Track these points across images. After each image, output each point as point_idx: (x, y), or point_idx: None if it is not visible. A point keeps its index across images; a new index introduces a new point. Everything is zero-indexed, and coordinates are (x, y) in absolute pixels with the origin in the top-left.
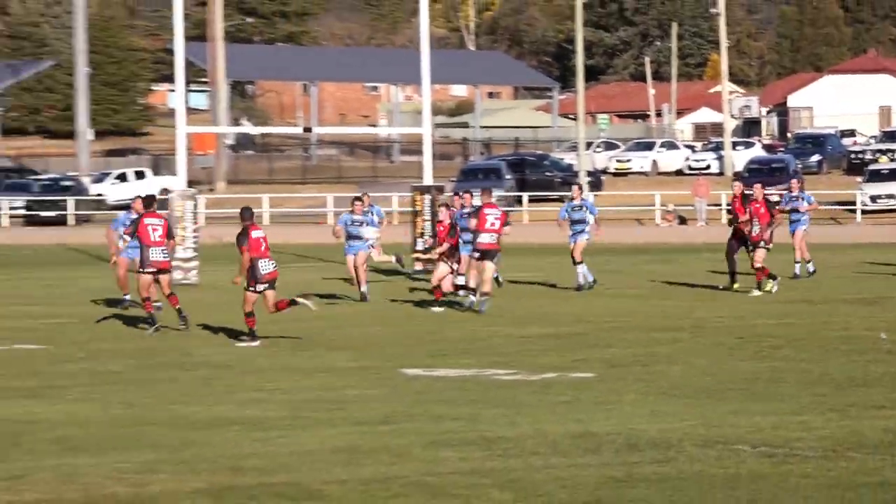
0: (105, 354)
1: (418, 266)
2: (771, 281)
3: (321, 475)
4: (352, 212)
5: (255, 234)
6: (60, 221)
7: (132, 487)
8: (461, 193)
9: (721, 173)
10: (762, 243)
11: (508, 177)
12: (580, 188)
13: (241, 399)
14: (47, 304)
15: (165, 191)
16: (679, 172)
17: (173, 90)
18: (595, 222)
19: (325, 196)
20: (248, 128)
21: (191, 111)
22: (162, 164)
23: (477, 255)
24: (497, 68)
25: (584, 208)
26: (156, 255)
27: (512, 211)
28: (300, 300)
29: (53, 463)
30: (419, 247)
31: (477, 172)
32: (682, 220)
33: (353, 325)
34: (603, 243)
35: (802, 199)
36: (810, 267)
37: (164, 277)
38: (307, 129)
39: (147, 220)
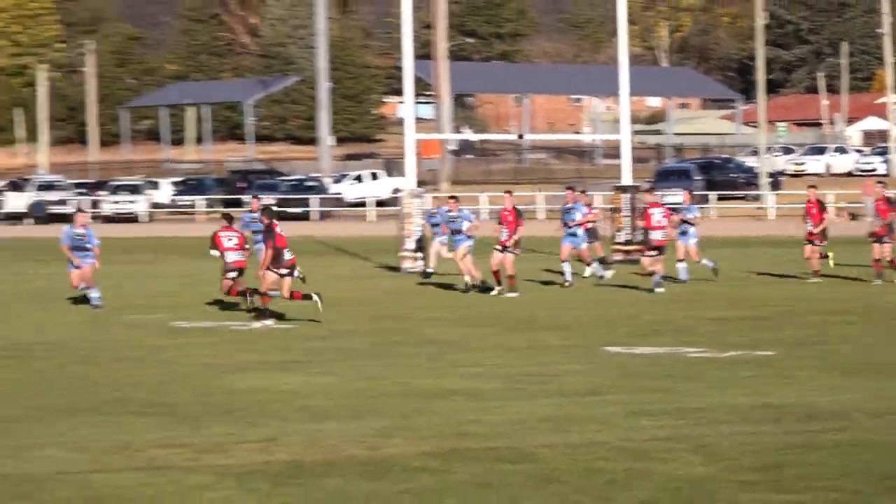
0: (346, 334)
1: (618, 256)
2: None
3: (534, 440)
4: (449, 210)
5: (278, 229)
6: (305, 217)
7: (369, 450)
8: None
9: (886, 175)
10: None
11: (697, 177)
12: (690, 193)
13: (464, 373)
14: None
15: (397, 190)
16: (849, 174)
17: (403, 102)
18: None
19: (536, 195)
20: (468, 135)
21: (418, 120)
22: (393, 167)
23: (654, 252)
24: (687, 82)
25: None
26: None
27: (703, 207)
28: (314, 297)
29: (300, 428)
30: (619, 239)
31: (669, 174)
32: (853, 216)
33: (561, 308)
34: (781, 236)
35: None
36: None
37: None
38: (520, 136)
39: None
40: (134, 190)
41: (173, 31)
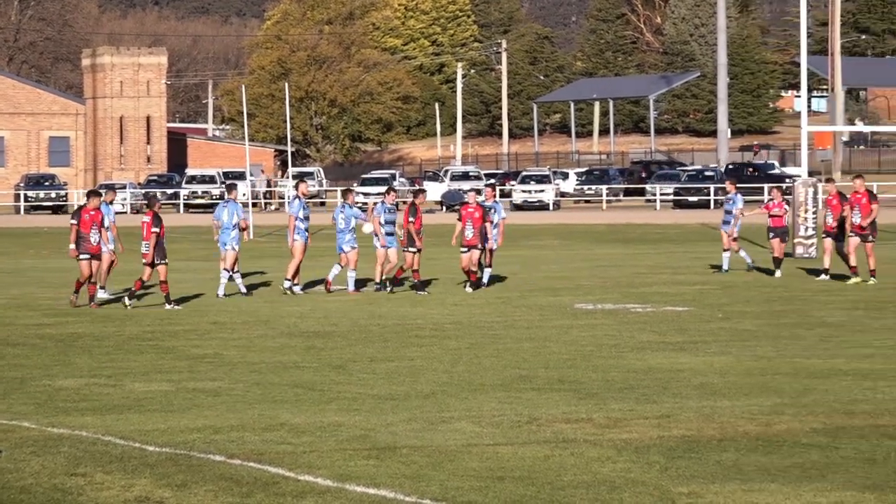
0: (738, 315)
1: None
2: None
3: None
4: None
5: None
6: (703, 205)
7: (760, 427)
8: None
9: None
10: None
11: None
12: (733, 182)
13: (853, 354)
14: (693, 273)
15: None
16: None
17: (799, 96)
18: None
19: None
20: (860, 127)
21: (812, 113)
22: (788, 158)
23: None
24: None
25: (732, 201)
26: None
27: None
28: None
29: (695, 405)
30: None
31: None
32: None
33: None
34: None
35: None
36: None
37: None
38: None
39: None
40: (542, 179)
41: (581, 30)
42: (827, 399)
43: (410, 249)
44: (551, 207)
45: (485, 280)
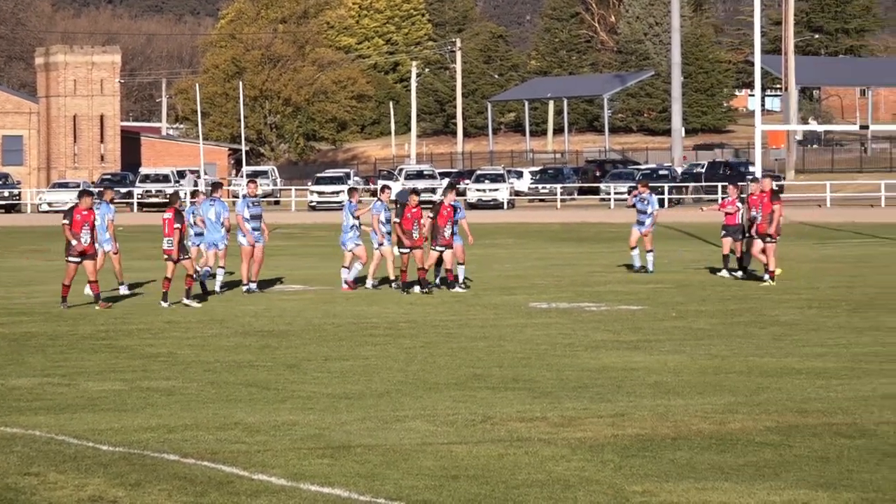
0: (692, 314)
1: None
2: None
3: (874, 417)
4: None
5: (408, 214)
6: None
7: (714, 425)
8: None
9: None
10: None
11: None
12: (646, 184)
13: (806, 352)
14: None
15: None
16: None
17: (752, 95)
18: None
19: (879, 183)
20: (814, 126)
21: (766, 112)
22: (741, 157)
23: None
24: None
25: (647, 201)
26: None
27: None
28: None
29: (650, 403)
30: None
31: None
32: None
33: None
34: None
35: None
36: None
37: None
38: (864, 127)
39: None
40: (497, 178)
41: (536, 28)
42: (780, 398)
43: (402, 250)
44: (506, 206)
45: (460, 278)
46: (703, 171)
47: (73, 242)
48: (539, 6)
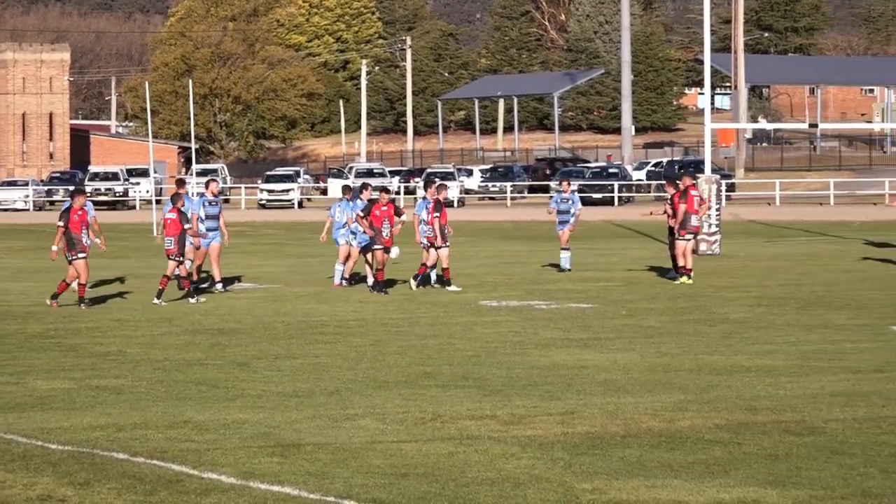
0: (642, 312)
1: None
2: None
3: (822, 414)
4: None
5: (377, 211)
6: (608, 202)
7: (664, 423)
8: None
9: None
10: None
11: None
12: (568, 182)
13: (756, 350)
14: (597, 270)
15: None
16: None
17: (702, 93)
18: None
19: (828, 181)
20: (763, 124)
21: (715, 111)
22: (691, 155)
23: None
24: None
25: (571, 201)
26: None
27: None
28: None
29: (600, 401)
30: None
31: None
32: None
33: (848, 290)
34: None
35: None
36: None
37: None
38: (813, 125)
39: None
40: (447, 177)
41: (486, 27)
42: (730, 395)
43: (376, 247)
44: (456, 205)
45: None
46: (663, 169)
47: (84, 240)
48: (489, 4)
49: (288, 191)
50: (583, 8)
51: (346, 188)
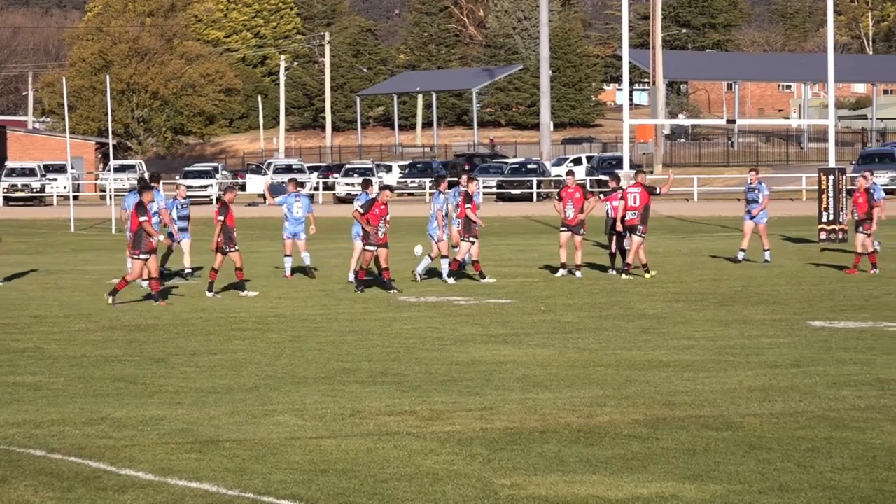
0: (561, 307)
1: (822, 235)
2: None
3: (740, 409)
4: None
5: (376, 209)
6: (526, 198)
7: (582, 418)
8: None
9: None
10: None
11: None
12: (756, 171)
13: (674, 345)
14: (515, 266)
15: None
16: None
17: (621, 89)
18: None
19: (745, 177)
20: (681, 120)
21: (634, 106)
22: (610, 151)
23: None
24: (892, 69)
25: (758, 190)
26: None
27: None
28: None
29: (518, 397)
30: (823, 219)
31: (873, 157)
32: None
33: (766, 285)
34: None
35: None
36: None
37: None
38: (731, 121)
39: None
40: (366, 172)
41: (405, 22)
42: (648, 390)
43: (369, 247)
44: None
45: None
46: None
47: (157, 239)
48: (408, 0)
49: (206, 186)
50: (501, 4)
51: (366, 182)
